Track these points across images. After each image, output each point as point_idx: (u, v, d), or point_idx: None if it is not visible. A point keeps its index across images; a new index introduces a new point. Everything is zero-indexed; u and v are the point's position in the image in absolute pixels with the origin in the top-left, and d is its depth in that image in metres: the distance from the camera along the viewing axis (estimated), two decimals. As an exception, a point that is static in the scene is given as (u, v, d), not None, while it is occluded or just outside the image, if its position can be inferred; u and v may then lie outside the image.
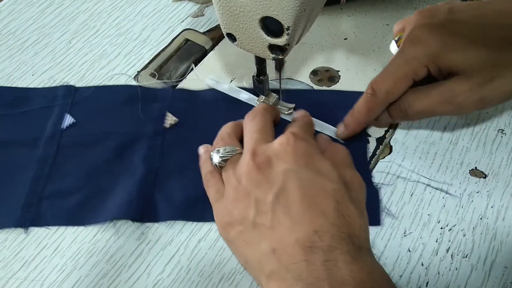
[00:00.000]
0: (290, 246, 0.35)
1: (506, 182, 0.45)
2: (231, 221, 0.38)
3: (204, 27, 0.60)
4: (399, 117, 0.45)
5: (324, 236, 0.34)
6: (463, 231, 0.42)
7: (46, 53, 0.58)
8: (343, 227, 0.35)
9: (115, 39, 0.59)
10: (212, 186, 0.42)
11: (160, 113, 0.51)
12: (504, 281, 0.39)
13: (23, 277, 0.41)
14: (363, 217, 0.38)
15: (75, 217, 0.44)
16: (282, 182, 0.37)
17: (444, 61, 0.40)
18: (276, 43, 0.41)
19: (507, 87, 0.40)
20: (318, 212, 0.36)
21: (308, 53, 0.56)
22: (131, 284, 0.40)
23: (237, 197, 0.39)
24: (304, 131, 0.42)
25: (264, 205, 0.37)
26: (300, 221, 0.35)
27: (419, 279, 0.40)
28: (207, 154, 0.45)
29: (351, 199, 0.37)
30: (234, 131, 0.45)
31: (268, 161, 0.39)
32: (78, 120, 0.51)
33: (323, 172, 0.38)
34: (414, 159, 0.47)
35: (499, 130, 0.48)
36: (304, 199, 0.36)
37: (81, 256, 0.42)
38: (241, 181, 0.39)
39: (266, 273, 0.35)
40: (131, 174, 0.46)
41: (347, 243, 0.34)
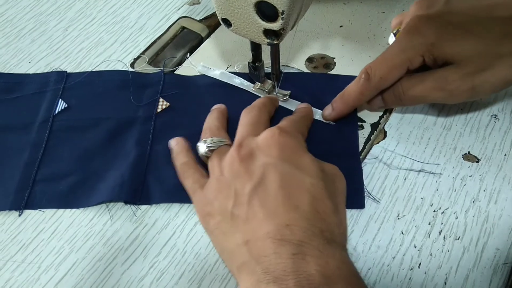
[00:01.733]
0: (261, 238, 0.35)
1: (499, 166, 0.45)
2: (211, 211, 0.39)
3: (200, 15, 0.60)
4: (392, 102, 0.45)
5: (295, 230, 0.34)
6: (456, 214, 0.43)
7: (43, 41, 0.58)
8: (316, 221, 0.35)
9: (111, 27, 0.59)
10: (189, 177, 0.42)
11: (151, 98, 0.51)
12: (496, 262, 0.40)
13: (21, 260, 0.42)
14: (339, 212, 0.38)
15: (68, 200, 0.45)
16: (261, 174, 0.37)
17: (439, 51, 0.41)
18: (271, 28, 0.41)
19: (498, 79, 0.41)
20: (293, 206, 0.36)
21: (303, 41, 0.56)
22: (127, 267, 0.41)
23: (219, 187, 0.39)
24: (292, 125, 0.42)
25: (242, 196, 0.37)
26: (274, 214, 0.35)
27: (411, 260, 0.40)
28: (178, 146, 0.45)
29: (329, 194, 0.37)
30: (220, 122, 0.46)
31: (251, 154, 0.39)
32: (70, 105, 0.51)
33: (303, 166, 0.38)
34: (408, 144, 0.47)
35: (492, 116, 0.49)
36: (280, 192, 0.36)
37: (78, 239, 0.43)
38: (224, 172, 0.40)
39: (238, 264, 0.36)
40: (123, 157, 0.47)
41: (318, 237, 0.34)
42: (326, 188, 0.38)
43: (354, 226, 0.42)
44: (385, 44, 0.55)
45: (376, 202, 0.43)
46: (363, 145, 0.47)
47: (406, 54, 0.42)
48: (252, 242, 0.35)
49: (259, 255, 0.34)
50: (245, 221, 0.36)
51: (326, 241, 0.34)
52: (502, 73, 0.40)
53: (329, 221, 0.36)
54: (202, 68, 0.54)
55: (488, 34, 0.40)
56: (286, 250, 0.33)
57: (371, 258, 0.41)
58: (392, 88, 0.44)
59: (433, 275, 0.40)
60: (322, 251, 0.33)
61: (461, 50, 0.41)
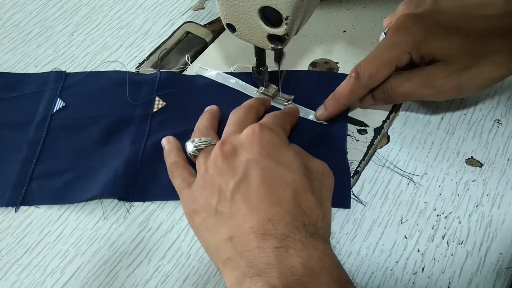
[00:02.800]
0: (245, 233, 0.35)
1: (502, 171, 0.45)
2: (197, 208, 0.39)
3: (204, 20, 0.60)
4: (382, 100, 0.47)
5: (278, 224, 0.35)
6: (459, 218, 0.43)
7: (49, 45, 0.58)
8: (298, 216, 0.36)
9: (117, 32, 0.60)
10: (178, 175, 0.43)
11: (148, 97, 0.52)
12: (499, 267, 0.40)
13: (26, 262, 0.42)
14: (322, 206, 0.38)
15: (63, 196, 0.45)
16: (244, 171, 0.38)
17: (426, 49, 0.42)
18: (275, 33, 0.41)
19: (484, 76, 0.42)
20: (275, 201, 0.36)
21: (307, 45, 0.57)
22: (132, 270, 0.41)
23: (204, 185, 0.40)
24: (274, 121, 0.43)
25: (226, 193, 0.38)
26: (257, 209, 0.36)
27: (415, 264, 0.40)
28: (169, 145, 0.46)
29: (312, 189, 0.38)
30: (210, 123, 0.47)
31: (234, 150, 0.39)
32: (68, 104, 0.52)
33: (285, 162, 0.39)
34: (411, 149, 0.47)
35: (495, 121, 0.49)
36: (263, 188, 0.37)
37: (83, 243, 0.43)
38: (208, 170, 0.40)
39: (223, 259, 0.36)
40: (118, 155, 0.47)
41: (300, 231, 0.35)
42: (309, 183, 0.38)
43: (358, 230, 0.43)
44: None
45: (362, 204, 0.44)
46: (366, 149, 0.47)
47: (394, 51, 0.43)
48: (236, 238, 0.36)
49: (243, 250, 0.35)
50: (229, 217, 0.37)
51: (309, 234, 0.35)
52: (487, 70, 0.42)
53: (312, 215, 0.36)
54: (199, 69, 0.55)
55: (474, 33, 0.41)
56: (269, 244, 0.34)
57: (375, 262, 0.41)
58: (382, 86, 0.46)
59: (437, 279, 0.40)
60: (305, 244, 0.34)
61: (447, 48, 0.42)
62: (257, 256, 0.34)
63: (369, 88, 0.46)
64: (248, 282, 0.33)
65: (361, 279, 0.40)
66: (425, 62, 0.43)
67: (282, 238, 0.34)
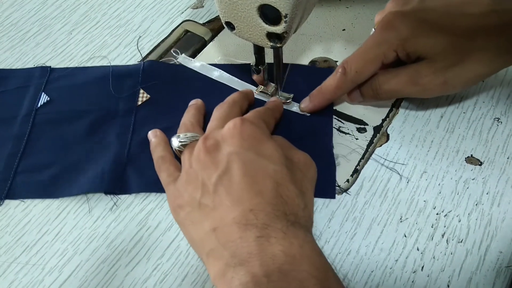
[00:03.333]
0: (228, 225, 0.36)
1: (502, 169, 0.45)
2: (181, 203, 0.40)
3: (203, 19, 0.60)
4: (370, 96, 0.47)
5: (259, 214, 0.35)
6: (459, 217, 0.43)
7: (47, 44, 0.58)
8: (280, 205, 0.36)
9: (115, 30, 0.59)
10: (164, 170, 0.44)
11: (132, 89, 0.52)
12: (499, 265, 0.40)
13: (25, 261, 0.42)
14: (304, 196, 0.38)
15: (49, 190, 0.46)
16: (226, 164, 0.38)
17: (412, 46, 0.43)
18: (274, 31, 0.41)
19: (469, 73, 0.43)
20: (257, 191, 0.37)
21: (306, 44, 0.57)
22: (131, 269, 0.41)
23: (188, 179, 0.40)
24: (255, 116, 0.43)
25: (209, 186, 0.38)
26: (239, 201, 0.36)
27: (414, 263, 0.40)
28: (156, 139, 0.47)
29: (293, 180, 0.38)
30: (195, 118, 0.47)
31: (216, 145, 0.40)
32: (53, 98, 0.52)
33: (266, 154, 0.39)
34: (411, 147, 0.47)
35: (495, 119, 0.49)
36: (244, 179, 0.37)
37: (82, 242, 0.43)
38: (192, 165, 0.41)
39: (206, 251, 0.36)
40: (104, 149, 0.48)
41: (281, 220, 0.35)
42: (290, 174, 0.38)
43: (357, 229, 0.42)
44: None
45: (347, 194, 0.44)
46: (365, 147, 0.47)
47: (380, 48, 0.44)
48: (219, 229, 0.36)
49: (226, 241, 0.35)
50: (212, 210, 0.37)
51: (290, 223, 0.35)
52: (472, 68, 0.43)
53: (293, 204, 0.37)
54: (183, 59, 0.55)
55: (460, 30, 0.42)
56: (251, 233, 0.34)
57: (374, 260, 0.41)
58: (370, 82, 0.46)
59: (436, 278, 0.40)
60: (286, 233, 0.34)
61: (433, 45, 0.42)
62: (240, 246, 0.34)
63: (355, 84, 0.47)
64: (231, 271, 0.34)
65: (361, 278, 0.40)
66: (411, 60, 0.44)
67: (263, 227, 0.35)
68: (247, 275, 0.33)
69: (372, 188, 0.45)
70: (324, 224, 0.43)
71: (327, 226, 0.43)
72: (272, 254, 0.33)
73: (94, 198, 0.45)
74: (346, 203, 0.44)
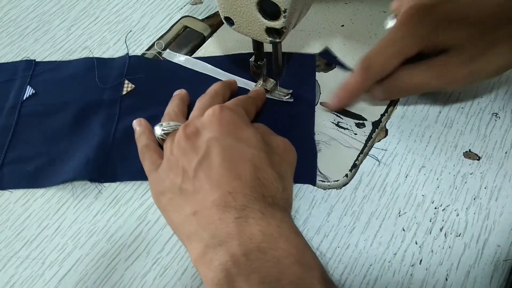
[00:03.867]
0: (207, 208, 0.37)
1: (500, 164, 0.45)
2: (163, 189, 0.40)
3: (202, 14, 0.60)
4: (393, 93, 0.47)
5: (238, 196, 0.36)
6: (457, 211, 0.43)
7: (46, 40, 0.58)
8: (257, 187, 0.37)
9: (114, 26, 0.59)
10: (147, 158, 0.44)
11: (117, 80, 0.53)
12: (496, 259, 0.40)
13: (25, 255, 0.42)
14: (282, 180, 0.40)
15: (35, 180, 0.46)
16: (205, 149, 0.39)
17: (436, 40, 0.43)
18: (273, 26, 0.41)
19: (494, 64, 0.42)
20: (235, 175, 0.37)
21: (305, 40, 0.57)
22: (131, 263, 0.41)
23: (169, 166, 0.41)
24: (235, 103, 0.44)
25: (189, 172, 0.39)
26: (218, 184, 0.37)
27: (413, 257, 0.41)
28: (141, 128, 0.47)
29: (271, 164, 0.39)
30: (179, 108, 0.48)
31: (196, 131, 0.41)
32: (38, 91, 0.53)
33: (244, 139, 0.40)
34: (409, 142, 0.47)
35: (493, 114, 0.49)
36: (223, 164, 0.38)
37: (82, 236, 0.43)
38: (173, 152, 0.41)
39: (187, 234, 0.37)
40: (89, 138, 0.48)
41: (259, 201, 0.36)
42: (268, 158, 0.40)
43: (356, 223, 0.43)
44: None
45: (327, 181, 0.45)
46: (364, 142, 0.48)
47: (403, 43, 0.44)
48: (199, 212, 0.37)
49: (206, 223, 0.36)
50: (193, 194, 0.38)
51: (268, 204, 0.36)
52: (497, 58, 0.42)
53: (271, 187, 0.38)
54: (168, 54, 0.56)
55: (484, 19, 0.41)
56: (230, 215, 0.35)
57: (373, 254, 0.41)
58: (393, 78, 0.46)
59: (434, 271, 0.40)
60: (264, 213, 0.35)
61: (458, 37, 0.42)
62: (219, 227, 0.35)
63: (377, 79, 0.46)
64: (211, 252, 0.34)
65: (359, 271, 0.40)
66: (435, 53, 0.43)
67: (242, 208, 0.36)
68: (226, 255, 0.34)
69: (370, 183, 0.45)
70: (323, 218, 0.43)
71: (326, 220, 0.43)
72: (250, 234, 0.34)
73: (94, 193, 0.45)
74: (345, 197, 0.44)
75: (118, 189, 0.45)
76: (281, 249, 0.34)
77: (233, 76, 0.53)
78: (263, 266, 0.33)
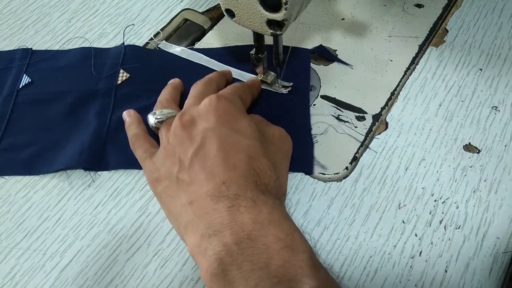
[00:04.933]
0: (202, 197, 0.37)
1: (499, 157, 0.46)
2: (159, 177, 0.41)
3: (203, 7, 0.60)
4: None
5: (231, 186, 0.37)
6: (456, 203, 0.43)
7: (46, 32, 0.58)
8: (251, 177, 0.38)
9: (115, 19, 0.59)
10: (139, 147, 0.45)
11: (112, 70, 0.53)
12: (496, 251, 0.40)
13: (26, 247, 0.42)
14: (276, 169, 0.40)
15: (29, 167, 0.47)
16: (201, 139, 0.40)
17: None
18: (274, 18, 0.41)
19: None
20: (230, 165, 0.38)
21: (306, 33, 0.57)
22: (132, 254, 0.41)
23: (165, 154, 0.41)
24: (231, 92, 0.44)
25: (185, 161, 0.39)
26: (212, 174, 0.38)
27: (412, 249, 0.41)
28: (130, 118, 0.48)
29: (266, 154, 0.40)
30: (171, 96, 0.48)
31: (192, 121, 0.41)
32: (34, 79, 0.53)
33: (240, 129, 0.41)
34: (409, 135, 0.47)
35: (493, 107, 0.49)
36: (219, 154, 0.38)
37: (83, 227, 0.43)
38: (169, 140, 0.42)
39: (184, 223, 0.38)
40: (84, 127, 0.49)
41: (252, 190, 0.37)
42: (263, 148, 0.40)
43: (356, 215, 0.43)
44: (387, 36, 0.55)
45: (327, 174, 0.45)
46: (364, 136, 0.48)
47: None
48: (195, 202, 0.37)
49: (202, 213, 0.37)
50: (188, 184, 0.39)
51: (260, 192, 0.37)
52: None
53: (265, 176, 0.39)
54: (164, 44, 0.56)
55: None
56: (223, 204, 0.36)
57: (373, 246, 0.41)
58: None
59: (434, 263, 0.40)
60: (256, 201, 0.36)
61: None
62: (213, 217, 0.36)
63: None
64: (205, 242, 0.35)
65: (359, 263, 0.40)
66: None
67: (235, 198, 0.36)
68: (219, 245, 0.34)
69: (371, 175, 0.45)
70: (323, 211, 0.43)
71: (326, 213, 0.43)
72: (241, 223, 0.35)
73: (95, 185, 0.45)
74: (345, 190, 0.44)
75: (119, 181, 0.46)
76: (270, 235, 0.34)
77: (229, 67, 0.53)
78: (253, 254, 0.33)
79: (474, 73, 0.52)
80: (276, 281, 0.32)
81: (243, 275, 0.33)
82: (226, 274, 0.33)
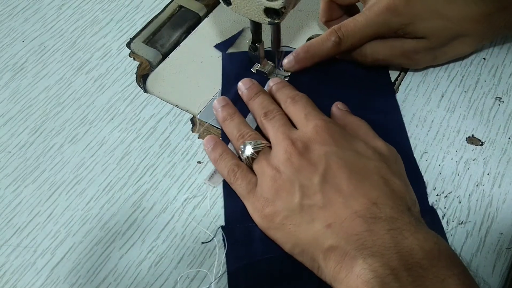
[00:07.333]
0: (348, 219, 0.35)
1: (503, 149, 0.44)
2: (275, 210, 0.38)
3: (198, -6, 0.58)
4: (358, 59, 0.49)
5: (383, 207, 0.35)
6: (459, 198, 0.42)
7: (36, 19, 0.56)
8: (397, 199, 0.36)
9: (107, 5, 0.58)
10: (243, 178, 0.41)
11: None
12: (499, 247, 0.39)
13: (16, 244, 0.41)
14: (409, 189, 0.39)
15: None
16: (325, 163, 0.38)
17: (413, 29, 0.46)
18: (272, 6, 0.40)
19: (454, 52, 0.49)
20: (370, 186, 0.37)
21: (304, 21, 0.55)
22: (125, 251, 0.40)
23: (278, 186, 0.39)
24: (316, 110, 0.43)
25: (311, 187, 0.38)
26: (354, 196, 0.36)
27: (414, 245, 0.40)
28: (216, 151, 0.44)
29: (394, 173, 0.38)
30: (245, 125, 0.45)
31: (306, 147, 0.40)
32: None
33: (360, 151, 0.39)
34: (411, 127, 0.46)
35: (496, 98, 0.48)
36: (352, 176, 0.37)
37: (75, 223, 0.42)
38: (280, 170, 0.39)
39: (324, 248, 0.36)
40: None
41: (408, 215, 0.35)
42: (389, 168, 0.39)
43: (356, 210, 0.42)
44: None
45: None
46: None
47: (381, 29, 0.46)
48: (337, 224, 0.36)
49: (349, 234, 0.35)
50: (321, 208, 0.37)
51: (414, 217, 0.35)
52: (457, 48, 0.48)
53: (407, 198, 0.37)
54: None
55: (451, 16, 0.46)
56: (381, 226, 0.34)
57: (373, 242, 0.40)
58: (360, 49, 0.48)
59: (436, 259, 0.39)
60: (416, 227, 0.34)
61: (430, 28, 0.46)
62: (369, 238, 0.34)
63: (345, 51, 0.48)
64: (361, 263, 0.33)
65: (360, 260, 0.39)
66: (406, 37, 0.47)
67: (392, 220, 0.34)
68: (385, 267, 0.32)
69: (371, 169, 0.44)
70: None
71: (326, 208, 0.42)
72: (409, 248, 0.33)
73: (87, 179, 0.44)
74: (345, 184, 0.43)
75: (112, 175, 0.44)
76: (443, 268, 0.32)
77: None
78: (424, 284, 0.31)
79: (477, 63, 0.50)
80: None
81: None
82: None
